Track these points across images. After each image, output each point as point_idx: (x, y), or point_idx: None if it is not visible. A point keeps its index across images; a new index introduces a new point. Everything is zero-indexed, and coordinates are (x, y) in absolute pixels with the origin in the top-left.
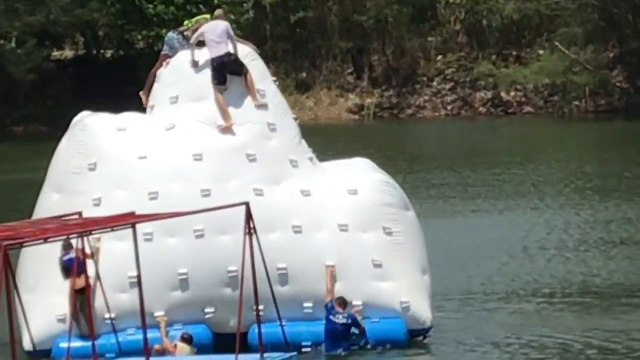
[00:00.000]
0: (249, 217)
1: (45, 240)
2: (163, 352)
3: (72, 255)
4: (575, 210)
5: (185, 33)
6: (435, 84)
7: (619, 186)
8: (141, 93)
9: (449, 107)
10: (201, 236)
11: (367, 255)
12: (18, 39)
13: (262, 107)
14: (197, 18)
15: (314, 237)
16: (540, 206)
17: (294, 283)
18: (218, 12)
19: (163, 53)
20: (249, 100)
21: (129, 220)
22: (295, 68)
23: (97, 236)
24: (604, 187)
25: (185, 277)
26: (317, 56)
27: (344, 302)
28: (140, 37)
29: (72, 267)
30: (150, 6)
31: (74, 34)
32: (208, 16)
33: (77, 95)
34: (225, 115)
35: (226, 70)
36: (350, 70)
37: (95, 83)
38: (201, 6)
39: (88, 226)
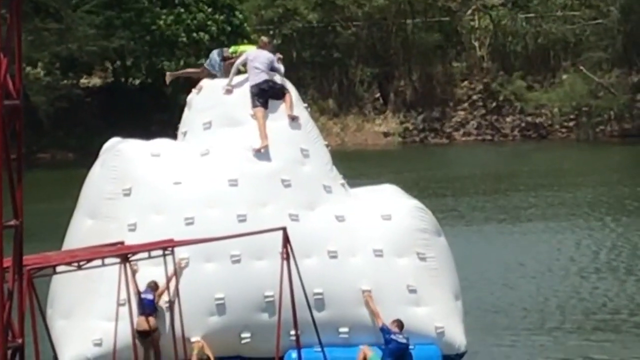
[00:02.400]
0: (286, 241)
1: (79, 267)
2: None
3: (151, 296)
4: (612, 232)
5: (226, 57)
6: (461, 109)
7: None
8: (169, 73)
9: (475, 132)
10: (237, 261)
11: (402, 280)
12: (45, 68)
13: (296, 125)
14: (243, 48)
15: (349, 262)
16: (573, 228)
17: (330, 308)
18: (263, 39)
19: (204, 65)
20: (284, 126)
21: (165, 245)
22: (322, 94)
23: (183, 258)
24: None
25: (222, 302)
26: (343, 82)
27: (401, 324)
28: (169, 65)
29: (147, 307)
30: (184, 34)
31: (101, 62)
32: (254, 47)
33: (105, 122)
34: (262, 134)
35: (267, 95)
36: (376, 96)
37: (123, 110)
38: (233, 37)
39: (122, 251)
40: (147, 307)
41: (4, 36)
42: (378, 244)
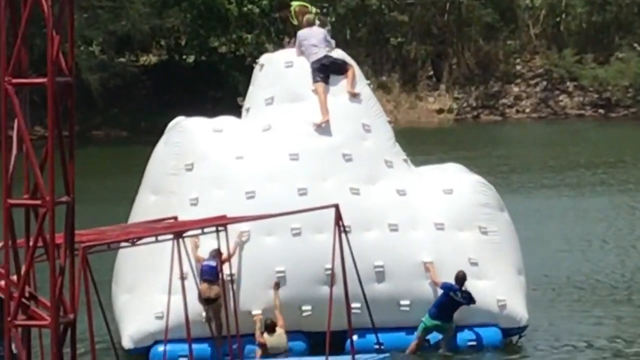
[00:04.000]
0: (338, 218)
1: (133, 243)
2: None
3: (213, 263)
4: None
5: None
6: (515, 86)
7: None
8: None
9: (529, 109)
10: (298, 234)
11: (463, 254)
12: (99, 46)
13: (358, 100)
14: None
15: (410, 235)
16: (636, 206)
17: (391, 281)
18: (309, 17)
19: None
20: (345, 101)
21: (219, 222)
22: (375, 71)
23: (244, 231)
24: None
25: (282, 275)
26: (397, 60)
27: (461, 278)
28: (220, 42)
29: (206, 274)
30: (235, 8)
31: (155, 40)
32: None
33: (159, 100)
34: (323, 109)
35: (328, 70)
36: (430, 73)
37: (177, 88)
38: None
39: (175, 228)
40: (209, 275)
41: (56, 14)
42: (439, 217)
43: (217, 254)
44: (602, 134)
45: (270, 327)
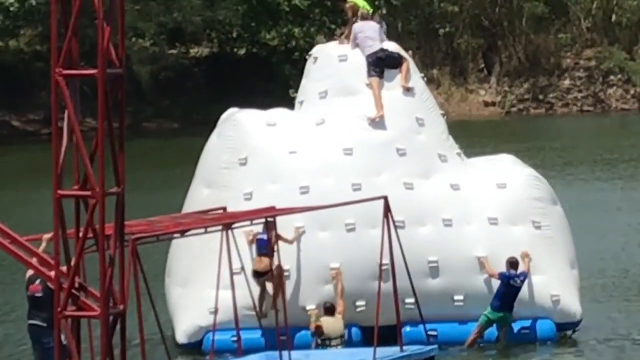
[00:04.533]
0: (387, 211)
1: (182, 235)
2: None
3: (265, 237)
4: None
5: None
6: (567, 79)
7: None
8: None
9: (580, 103)
10: (352, 230)
11: (517, 249)
12: (151, 38)
13: (412, 94)
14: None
15: (464, 231)
16: None
17: (445, 276)
18: (364, 12)
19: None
20: (399, 95)
21: (268, 214)
22: (426, 64)
23: (299, 227)
24: None
25: (336, 271)
26: (448, 52)
27: (514, 263)
28: (270, 36)
29: (260, 247)
30: (286, 2)
31: (207, 33)
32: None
33: (210, 92)
34: (378, 104)
35: (383, 64)
36: (481, 67)
37: (228, 80)
38: (331, 4)
39: (225, 220)
40: (261, 248)
41: (107, 5)
42: (493, 212)
43: (271, 226)
44: None
45: (329, 310)
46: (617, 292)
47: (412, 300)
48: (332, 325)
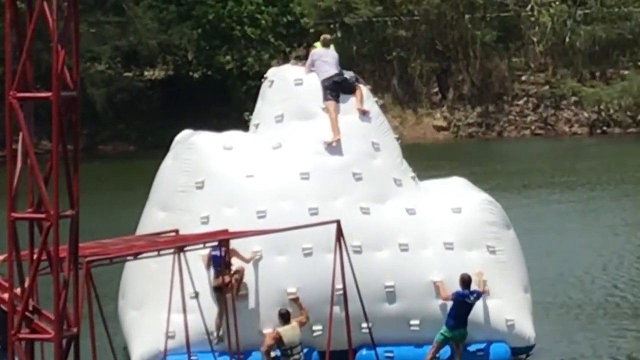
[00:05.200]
0: (339, 235)
1: (135, 257)
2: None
3: (218, 252)
4: None
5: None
6: (520, 103)
7: None
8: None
9: (533, 127)
10: (309, 254)
11: (472, 273)
12: (107, 61)
13: (367, 119)
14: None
15: (420, 255)
16: (630, 223)
17: (401, 300)
18: (326, 37)
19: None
20: (355, 120)
21: (220, 237)
22: (381, 87)
23: (256, 251)
24: None
25: (294, 295)
26: (402, 76)
27: (465, 280)
28: (225, 60)
29: (215, 264)
30: (238, 27)
31: (162, 56)
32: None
33: (165, 115)
34: (334, 128)
35: (339, 89)
36: (435, 90)
37: (183, 103)
38: (291, 29)
39: (178, 242)
40: (216, 264)
41: (61, 27)
42: (448, 236)
43: (223, 243)
44: (605, 152)
45: (284, 317)
46: (577, 315)
47: (369, 325)
48: (291, 333)
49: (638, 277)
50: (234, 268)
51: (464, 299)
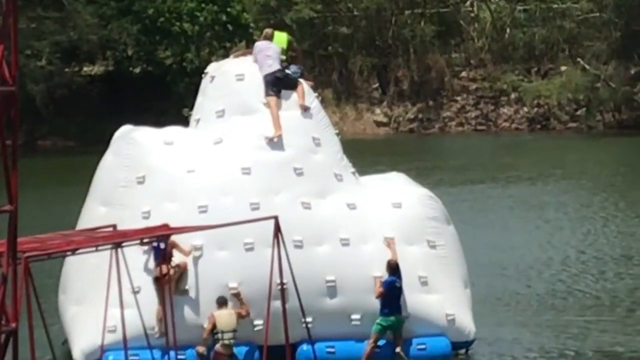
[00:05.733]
0: (277, 231)
1: (73, 252)
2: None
3: (161, 245)
4: (611, 223)
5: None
6: (459, 99)
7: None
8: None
9: (473, 122)
10: (250, 249)
11: (413, 268)
12: (46, 57)
13: (308, 114)
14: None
15: (361, 250)
16: (562, 219)
17: (342, 295)
18: (267, 31)
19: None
20: (296, 115)
21: (159, 232)
22: (321, 83)
23: (196, 247)
24: (626, 200)
25: (235, 290)
26: (342, 72)
27: (391, 266)
28: (165, 55)
29: (155, 255)
30: (177, 23)
31: (102, 51)
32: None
33: (106, 110)
34: (275, 123)
35: (281, 84)
36: (375, 86)
37: (123, 98)
38: (229, 26)
39: (116, 238)
40: (156, 255)
41: (0, 23)
42: (389, 231)
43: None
44: (545, 147)
45: (222, 303)
46: (506, 310)
47: (309, 319)
48: (225, 319)
49: (583, 272)
50: (176, 261)
51: (394, 284)
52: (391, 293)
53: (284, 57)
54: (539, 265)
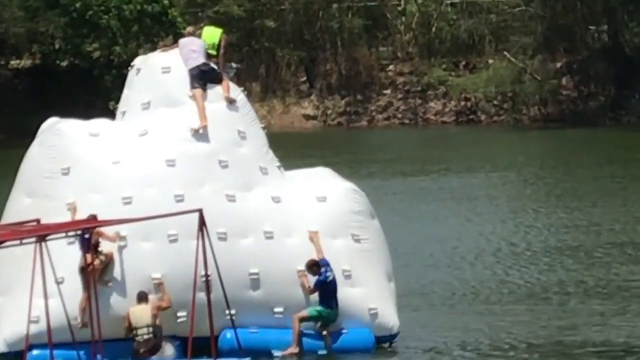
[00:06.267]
0: (201, 223)
1: None
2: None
3: (87, 235)
4: (542, 215)
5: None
6: (386, 93)
7: (574, 192)
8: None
9: (400, 116)
10: (174, 240)
11: (337, 261)
12: None
13: (234, 107)
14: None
15: (285, 243)
16: (492, 212)
17: (266, 288)
18: (190, 29)
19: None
20: (222, 108)
21: (84, 226)
22: (249, 76)
23: (122, 235)
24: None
25: (158, 280)
26: (270, 65)
27: (316, 263)
28: (92, 48)
29: (82, 244)
30: (105, 17)
31: (29, 45)
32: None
33: (34, 103)
34: (201, 115)
35: (205, 78)
36: (303, 79)
37: (51, 92)
38: (155, 19)
39: (40, 231)
40: (82, 245)
41: None
42: (313, 225)
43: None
44: (473, 140)
45: (140, 297)
46: (450, 300)
47: (232, 311)
48: (138, 314)
49: (516, 263)
50: (103, 250)
51: (325, 280)
52: (326, 287)
53: (214, 53)
54: (471, 257)
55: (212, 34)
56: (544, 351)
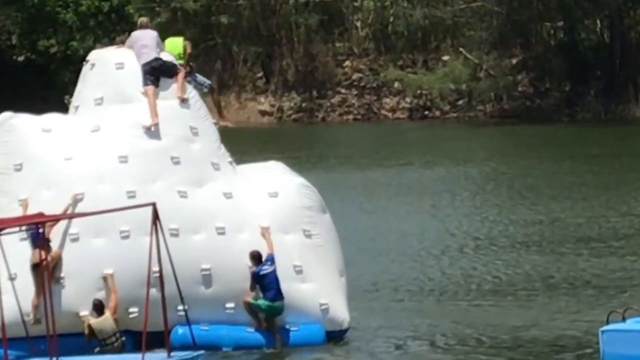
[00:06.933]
0: (155, 218)
1: None
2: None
3: (39, 230)
4: (504, 209)
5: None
6: (342, 89)
7: (536, 187)
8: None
9: (356, 112)
10: (126, 237)
11: (288, 257)
12: None
13: (186, 104)
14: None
15: (237, 238)
16: (456, 207)
17: (217, 283)
18: (143, 20)
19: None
20: (174, 104)
21: (35, 220)
22: (205, 72)
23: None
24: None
25: (107, 274)
26: (226, 60)
27: (259, 255)
28: (49, 44)
29: (33, 240)
30: (63, 11)
31: None
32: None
33: None
34: (153, 112)
35: (158, 73)
36: (259, 75)
37: (7, 87)
38: (113, 15)
39: None
40: (35, 240)
41: None
42: (265, 220)
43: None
44: (429, 135)
45: (97, 308)
46: (411, 295)
47: (184, 307)
48: (102, 325)
49: (480, 258)
50: (52, 250)
51: (258, 273)
52: (263, 280)
53: (182, 62)
54: (437, 251)
55: (174, 44)
56: (510, 346)
